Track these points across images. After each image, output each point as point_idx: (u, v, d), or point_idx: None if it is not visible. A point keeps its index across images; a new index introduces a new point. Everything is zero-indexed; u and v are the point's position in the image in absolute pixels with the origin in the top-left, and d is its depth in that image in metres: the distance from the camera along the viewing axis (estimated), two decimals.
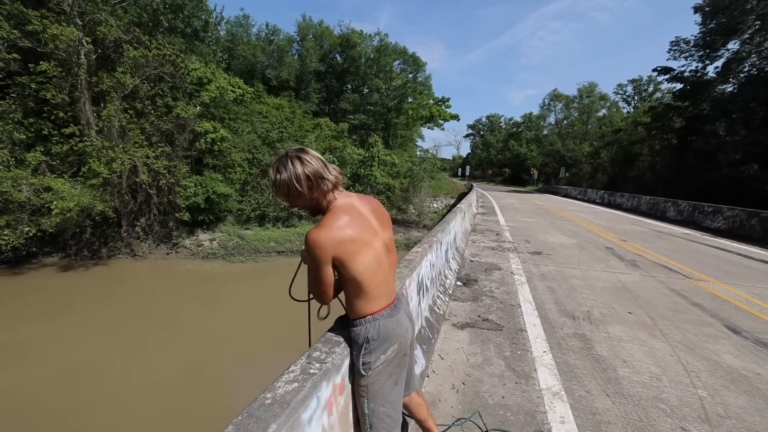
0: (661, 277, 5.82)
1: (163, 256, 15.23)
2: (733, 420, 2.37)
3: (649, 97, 46.72)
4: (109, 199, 13.95)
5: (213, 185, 15.93)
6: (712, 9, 22.94)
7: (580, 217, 14.71)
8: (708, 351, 3.34)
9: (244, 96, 19.41)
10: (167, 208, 15.52)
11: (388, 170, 21.79)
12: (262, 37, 31.34)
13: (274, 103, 24.05)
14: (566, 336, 3.52)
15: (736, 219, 12.42)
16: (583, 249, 7.83)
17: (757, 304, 4.73)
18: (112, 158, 13.52)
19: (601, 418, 2.34)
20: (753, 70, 22.32)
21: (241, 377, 7.33)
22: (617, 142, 38.37)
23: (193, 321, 10.19)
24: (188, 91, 16.99)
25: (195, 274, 14.08)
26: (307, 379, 1.21)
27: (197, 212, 15.92)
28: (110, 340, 8.62)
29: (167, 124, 15.45)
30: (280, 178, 1.40)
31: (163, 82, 15.72)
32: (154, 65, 15.07)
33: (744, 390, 2.73)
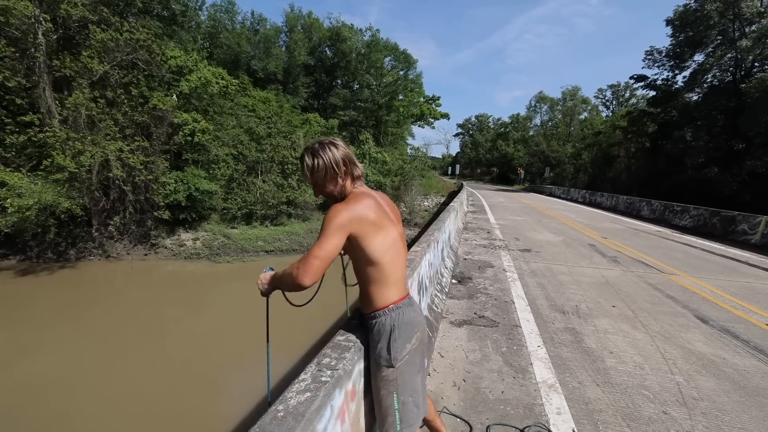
0: (640, 272, 6.19)
1: (141, 257, 14.34)
2: (705, 402, 2.62)
3: (626, 102, 48.61)
4: (76, 196, 12.76)
5: (195, 182, 15.12)
6: (681, 23, 24.42)
7: (565, 215, 15.25)
8: (682, 339, 3.63)
9: (228, 88, 18.68)
10: (145, 206, 14.54)
11: (379, 168, 21.70)
12: (248, 26, 30.23)
13: (260, 96, 23.35)
14: (558, 330, 3.73)
15: (700, 218, 13.26)
16: (569, 246, 8.18)
17: (721, 296, 5.14)
18: (80, 151, 12.31)
19: (593, 407, 2.51)
20: (715, 81, 24.04)
21: (230, 382, 7.08)
22: (597, 144, 39.87)
23: (176, 325, 9.61)
24: (166, 80, 15.98)
25: (177, 276, 13.38)
26: (319, 388, 1.17)
27: (178, 210, 15.07)
28: (81, 348, 7.94)
29: (143, 116, 14.37)
30: (318, 162, 1.46)
31: (137, 70, 14.63)
32: (127, 50, 13.90)
33: (713, 374, 3.01)
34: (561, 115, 54.81)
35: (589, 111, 52.88)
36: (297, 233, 17.34)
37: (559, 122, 54.56)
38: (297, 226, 18.03)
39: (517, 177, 56.58)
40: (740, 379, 2.96)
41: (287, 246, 16.48)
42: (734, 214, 11.80)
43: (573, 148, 46.62)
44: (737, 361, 3.25)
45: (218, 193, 16.35)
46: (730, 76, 23.17)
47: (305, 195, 18.98)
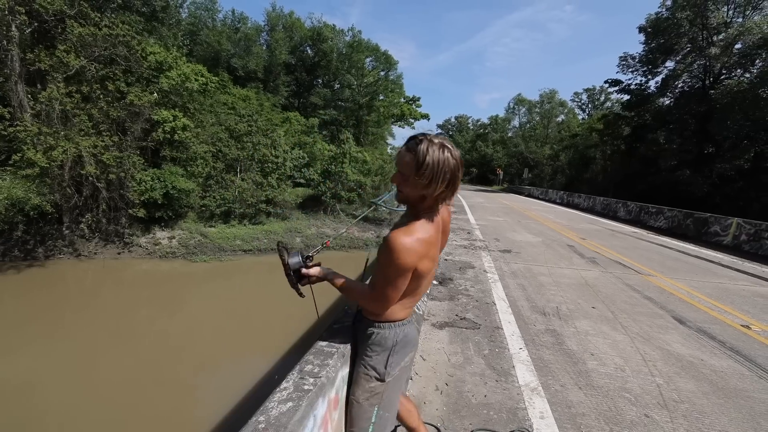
0: (618, 273, 6.25)
1: (114, 256, 13.94)
2: (686, 404, 2.59)
3: (601, 106, 50.22)
4: (47, 192, 12.42)
5: (172, 179, 14.84)
6: (653, 30, 25.53)
7: (544, 216, 15.47)
8: (661, 341, 3.63)
9: (208, 85, 18.40)
10: (119, 203, 14.19)
11: (359, 167, 21.67)
12: (228, 24, 29.97)
13: (240, 94, 23.13)
14: (539, 332, 3.67)
15: (674, 219, 13.70)
16: (549, 247, 8.23)
17: (696, 296, 5.23)
18: (51, 146, 11.94)
19: (576, 411, 2.44)
20: (686, 86, 25.17)
21: (204, 384, 6.88)
22: (574, 146, 40.98)
23: (149, 326, 9.39)
24: (145, 76, 15.64)
25: (151, 275, 13.08)
26: (302, 397, 1.13)
27: (154, 208, 14.76)
28: (49, 349, 7.61)
29: (119, 111, 14.04)
30: (431, 161, 1.18)
31: (115, 65, 14.28)
32: (105, 45, 13.57)
33: (692, 375, 3.00)
34: (539, 117, 56.16)
35: (566, 114, 54.36)
36: (276, 232, 17.16)
37: (537, 124, 55.87)
38: (276, 225, 17.82)
39: (496, 178, 57.56)
40: (718, 380, 2.96)
41: (266, 245, 16.22)
42: (707, 216, 12.19)
43: (551, 150, 47.79)
44: (715, 363, 3.25)
45: (196, 191, 16.03)
46: (699, 83, 24.14)
47: (284, 194, 18.82)
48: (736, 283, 6.33)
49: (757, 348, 3.63)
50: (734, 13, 22.70)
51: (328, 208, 20.38)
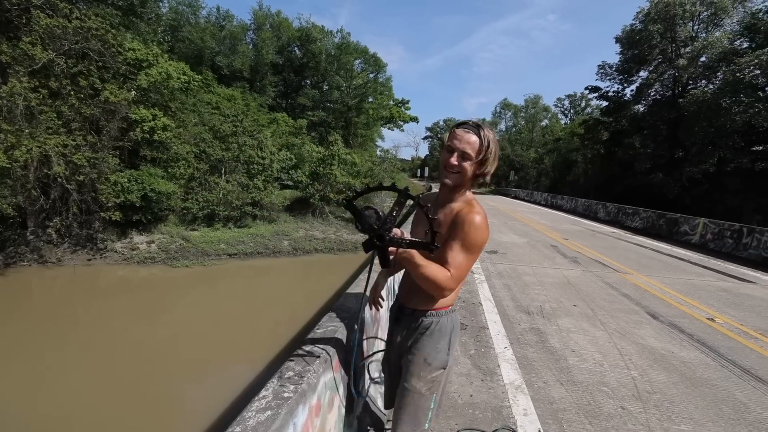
0: (598, 272, 6.54)
1: (84, 263, 13.11)
2: (658, 395, 2.78)
3: (582, 111, 51.79)
4: (8, 195, 11.64)
5: (151, 181, 14.25)
6: (628, 41, 26.91)
7: (529, 217, 15.88)
8: (636, 335, 3.85)
9: (191, 84, 17.91)
10: (91, 206, 13.32)
11: (348, 169, 21.60)
12: (212, 21, 29.30)
13: (225, 93, 22.70)
14: (523, 331, 3.83)
15: (649, 219, 14.33)
16: (533, 247, 8.50)
17: (669, 292, 5.54)
18: (13, 144, 11.16)
19: (557, 407, 2.57)
20: (657, 95, 26.57)
21: (188, 395, 6.61)
22: (557, 150, 42.17)
23: (126, 336, 8.82)
24: (122, 73, 14.95)
25: (128, 282, 12.43)
26: (281, 405, 1.08)
27: (132, 211, 14.06)
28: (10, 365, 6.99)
29: (92, 109, 13.23)
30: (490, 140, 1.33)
31: (87, 60, 13.49)
32: (76, 39, 12.78)
33: (664, 367, 3.21)
34: (524, 121, 57.53)
35: (550, 118, 55.93)
36: (262, 235, 16.83)
37: (523, 128, 57.21)
38: (262, 228, 17.50)
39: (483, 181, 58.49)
40: (686, 371, 3.18)
41: (252, 249, 15.91)
42: (677, 217, 12.82)
43: (536, 153, 49.04)
44: (684, 354, 3.49)
45: (177, 193, 15.51)
46: (670, 92, 25.55)
47: (271, 196, 18.53)
48: (702, 279, 6.72)
49: (720, 339, 3.90)
50: (699, 28, 24.17)
51: (317, 211, 20.21)
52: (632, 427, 2.39)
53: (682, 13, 23.17)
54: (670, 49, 24.79)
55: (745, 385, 2.99)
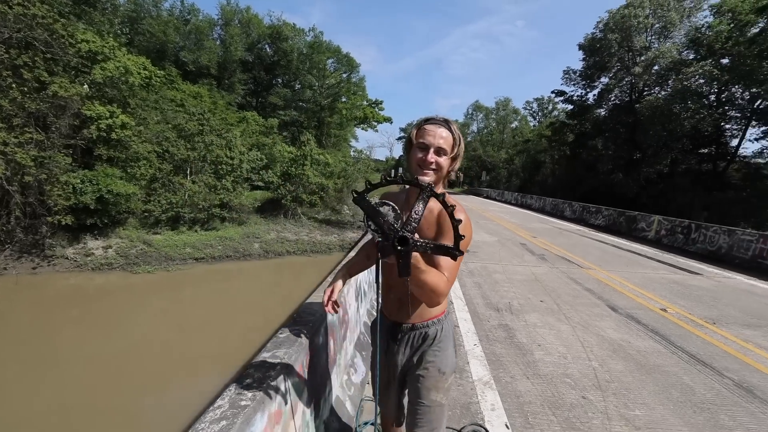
0: (563, 268, 6.80)
1: (29, 271, 12.04)
2: (616, 383, 2.92)
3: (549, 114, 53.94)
4: None
5: (108, 182, 13.31)
6: (590, 49, 28.58)
7: (499, 216, 16.32)
8: (597, 328, 4.03)
9: (152, 79, 17.08)
10: (38, 209, 12.23)
11: (321, 170, 21.31)
12: (176, 14, 28.02)
13: (191, 90, 21.84)
14: (492, 327, 3.91)
15: (610, 217, 15.12)
16: (503, 246, 8.72)
17: (627, 286, 5.85)
18: None
19: (523, 400, 2.64)
20: (617, 100, 28.30)
21: (149, 411, 6.18)
22: (527, 151, 43.73)
23: (79, 349, 8.15)
24: (73, 66, 13.88)
25: (82, 291, 11.52)
26: (237, 414, 1.03)
27: (86, 214, 13.08)
28: None
29: (38, 104, 12.14)
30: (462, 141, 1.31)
31: (32, 50, 12.38)
32: (17, 27, 11.71)
33: (621, 357, 3.37)
34: (495, 123, 59.33)
35: (519, 120, 57.97)
36: (232, 238, 16.25)
37: (494, 130, 58.97)
38: (232, 230, 16.89)
39: (456, 180, 59.63)
40: (641, 359, 3.36)
41: (220, 252, 15.32)
42: (635, 214, 13.60)
43: (506, 154, 50.65)
44: (639, 344, 3.68)
45: (138, 194, 14.65)
46: (628, 97, 27.26)
47: (241, 197, 17.98)
48: (657, 272, 7.16)
49: (672, 328, 4.16)
50: (652, 39, 25.93)
51: (289, 212, 19.80)
52: (592, 415, 2.49)
53: (637, 24, 24.78)
54: (627, 58, 26.44)
55: (691, 369, 3.20)
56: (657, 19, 24.86)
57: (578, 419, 2.44)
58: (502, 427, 2.33)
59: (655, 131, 21.96)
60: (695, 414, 2.57)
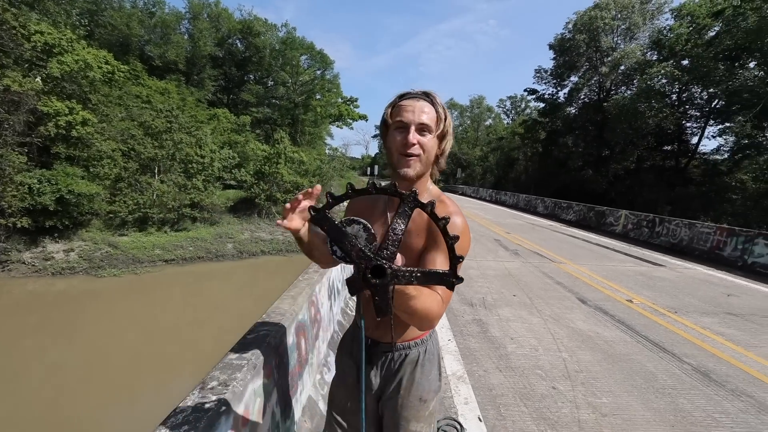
0: (536, 263, 6.95)
1: None
2: (584, 373, 2.99)
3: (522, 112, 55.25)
4: None
5: (68, 182, 12.69)
6: (560, 48, 29.42)
7: (474, 213, 16.56)
8: (567, 320, 4.13)
9: (115, 74, 16.33)
10: None
11: (295, 168, 21.04)
12: (140, 6, 26.83)
13: (157, 86, 21.07)
14: (466, 322, 3.93)
15: (581, 212, 15.65)
16: (477, 242, 8.82)
17: (596, 279, 6.04)
18: None
19: (496, 393, 2.66)
20: (586, 98, 29.36)
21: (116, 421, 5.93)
22: (501, 149, 44.68)
23: (39, 359, 7.81)
24: (27, 58, 13.17)
25: (41, 297, 11.02)
26: (200, 418, 0.99)
27: (44, 216, 12.47)
28: None
29: None
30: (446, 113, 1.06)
31: None
32: None
33: (590, 347, 3.47)
34: (469, 120, 60.17)
35: (493, 118, 59.03)
36: (203, 238, 15.85)
37: (468, 127, 59.81)
38: (203, 231, 16.49)
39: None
40: (608, 348, 3.47)
41: (192, 253, 14.92)
42: (604, 209, 14.14)
43: (481, 152, 51.58)
44: (606, 334, 3.80)
45: (101, 194, 14.07)
46: (596, 96, 28.21)
47: (213, 197, 17.52)
48: (624, 264, 7.45)
49: (637, 318, 4.32)
50: (618, 39, 26.98)
51: (263, 211, 19.45)
52: (561, 404, 2.54)
53: (603, 25, 25.73)
54: (595, 58, 27.42)
55: (654, 357, 3.33)
56: (622, 20, 25.91)
57: (548, 409, 2.48)
58: (475, 420, 2.34)
59: (621, 129, 22.86)
60: (657, 399, 2.67)
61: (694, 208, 18.61)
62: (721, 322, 4.35)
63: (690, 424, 2.41)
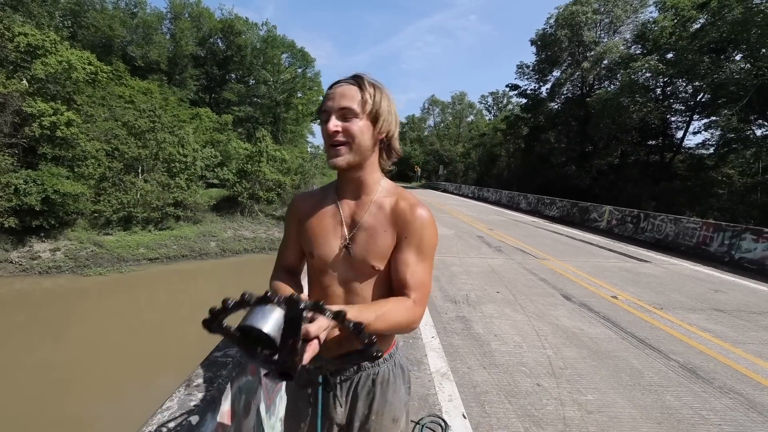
0: (519, 259, 6.96)
1: None
2: (569, 370, 2.98)
3: (504, 108, 55.67)
4: None
5: (54, 182, 12.82)
6: (542, 44, 29.45)
7: (457, 209, 16.57)
8: (551, 317, 4.12)
9: (98, 75, 16.13)
10: None
11: (278, 166, 20.93)
12: (122, 7, 26.53)
13: (140, 86, 20.85)
14: (450, 320, 3.89)
15: (564, 208, 15.75)
16: (460, 239, 8.82)
17: (580, 275, 6.07)
18: None
19: (480, 390, 2.65)
20: (569, 93, 29.46)
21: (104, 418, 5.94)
22: (483, 145, 44.87)
23: (26, 356, 7.92)
24: (11, 60, 13.29)
25: (27, 296, 11.19)
26: (186, 416, 0.99)
27: (30, 216, 12.66)
28: None
29: None
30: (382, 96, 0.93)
31: None
32: None
33: (575, 344, 3.47)
34: (451, 117, 60.39)
35: (475, 114, 59.35)
36: (187, 237, 15.86)
37: (450, 124, 60.05)
38: (187, 229, 16.44)
39: (414, 175, 60.40)
40: (593, 345, 3.47)
41: (175, 252, 14.93)
42: (588, 205, 14.25)
43: (463, 148, 51.76)
44: (591, 331, 3.80)
45: (86, 194, 14.14)
46: (579, 91, 28.42)
47: (195, 195, 17.37)
48: (608, 260, 7.52)
49: (622, 314, 4.34)
50: (601, 34, 27.16)
51: (246, 210, 19.31)
52: (546, 401, 2.53)
53: (585, 20, 25.78)
54: (577, 53, 27.50)
55: (640, 354, 3.34)
56: (605, 14, 25.89)
57: (533, 406, 2.47)
58: (460, 417, 2.32)
59: (605, 124, 22.93)
60: (643, 396, 2.67)
61: (679, 204, 18.67)
62: (708, 318, 4.37)
63: (677, 421, 2.41)
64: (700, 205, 18.33)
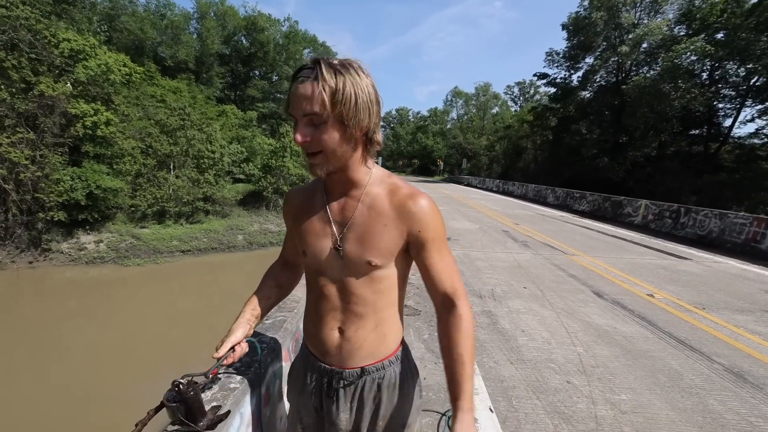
0: (547, 255, 6.75)
1: (27, 265, 12.73)
2: (601, 368, 2.88)
3: (531, 98, 53.69)
4: None
5: (96, 178, 13.75)
6: (574, 28, 27.45)
7: (481, 204, 16.25)
8: (582, 314, 3.98)
9: (132, 76, 16.94)
10: (32, 206, 12.96)
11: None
12: (152, 9, 27.60)
13: (170, 86, 21.69)
14: (476, 314, 3.84)
15: (595, 203, 15.10)
16: (485, 233, 8.65)
17: (612, 272, 5.82)
18: None
19: (507, 384, 2.60)
20: (603, 81, 27.56)
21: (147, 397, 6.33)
22: (508, 137, 43.43)
23: (78, 339, 8.64)
24: (57, 65, 14.09)
25: (77, 283, 12.09)
26: (227, 396, 1.02)
27: (77, 210, 13.65)
28: None
29: (26, 104, 12.65)
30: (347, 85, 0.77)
31: (17, 51, 12.73)
32: (3, 28, 12.14)
33: (607, 342, 3.33)
34: (475, 109, 58.75)
35: (500, 106, 57.52)
36: (216, 230, 16.60)
37: (474, 116, 58.43)
38: (216, 223, 17.18)
39: (436, 168, 59.62)
40: (627, 344, 3.32)
41: (205, 245, 15.69)
42: (621, 199, 13.59)
43: (487, 141, 50.27)
44: (625, 329, 3.65)
45: (124, 190, 15.08)
46: (614, 78, 26.48)
47: (223, 190, 18.05)
48: (643, 257, 7.16)
49: (659, 313, 4.13)
50: (641, 14, 25.05)
51: (271, 204, 19.85)
52: (577, 399, 2.45)
53: (624, 0, 23.93)
54: (613, 36, 25.48)
55: (679, 355, 3.17)
56: None
57: (563, 403, 2.41)
58: (486, 411, 2.29)
59: (642, 113, 21.46)
60: (683, 398, 2.54)
61: (725, 198, 17.17)
62: (758, 320, 4.06)
63: (721, 426, 2.27)
64: (750, 200, 16.81)
